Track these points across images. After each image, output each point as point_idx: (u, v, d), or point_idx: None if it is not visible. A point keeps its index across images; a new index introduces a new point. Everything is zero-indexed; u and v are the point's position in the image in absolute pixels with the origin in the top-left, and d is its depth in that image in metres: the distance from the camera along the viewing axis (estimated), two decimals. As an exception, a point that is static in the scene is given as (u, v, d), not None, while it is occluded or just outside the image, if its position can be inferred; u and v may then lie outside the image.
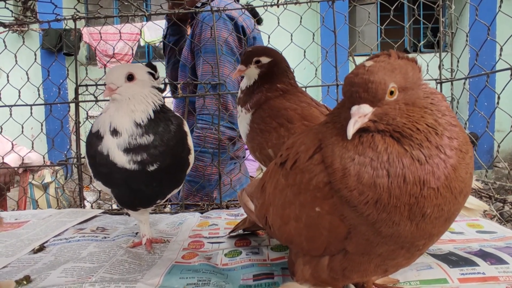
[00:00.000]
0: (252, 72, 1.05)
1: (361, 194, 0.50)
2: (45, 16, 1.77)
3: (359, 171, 0.51)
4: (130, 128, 0.87)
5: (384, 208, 0.50)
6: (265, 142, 1.00)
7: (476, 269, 0.78)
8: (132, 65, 0.94)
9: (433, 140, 0.51)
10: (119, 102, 0.89)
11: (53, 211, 1.45)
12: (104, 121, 0.89)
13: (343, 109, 0.56)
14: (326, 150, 0.55)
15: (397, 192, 0.49)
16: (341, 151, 0.53)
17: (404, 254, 0.57)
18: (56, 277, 0.86)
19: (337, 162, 0.53)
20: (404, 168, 0.50)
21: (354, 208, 0.52)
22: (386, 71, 0.51)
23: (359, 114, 0.50)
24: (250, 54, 1.05)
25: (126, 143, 0.86)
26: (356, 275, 0.62)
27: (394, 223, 0.51)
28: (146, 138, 0.87)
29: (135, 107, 0.89)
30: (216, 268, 0.90)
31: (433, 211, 0.50)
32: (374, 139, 0.52)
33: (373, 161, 0.50)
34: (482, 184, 1.43)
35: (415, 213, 0.50)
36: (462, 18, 5.17)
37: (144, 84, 0.92)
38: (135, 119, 0.88)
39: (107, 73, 0.91)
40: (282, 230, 0.67)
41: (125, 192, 0.96)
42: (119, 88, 0.88)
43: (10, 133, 1.82)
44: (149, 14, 1.78)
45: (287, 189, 0.63)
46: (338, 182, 0.52)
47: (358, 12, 6.42)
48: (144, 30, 6.22)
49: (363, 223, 0.53)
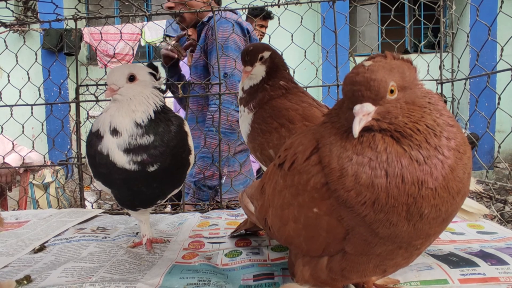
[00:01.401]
0: (259, 70, 1.04)
1: (358, 194, 0.50)
2: (46, 16, 1.77)
3: (357, 171, 0.51)
4: (130, 128, 0.87)
5: (381, 209, 0.50)
6: (266, 143, 1.00)
7: (476, 269, 0.78)
8: (134, 66, 0.95)
9: (432, 141, 0.51)
10: (120, 102, 0.89)
11: (53, 211, 1.45)
12: (104, 121, 0.89)
13: (342, 109, 0.56)
14: (323, 150, 0.55)
15: (395, 192, 0.49)
16: (339, 151, 0.53)
17: (402, 254, 0.57)
18: (56, 277, 0.86)
19: (335, 162, 0.53)
20: (403, 168, 0.50)
21: (351, 209, 0.52)
22: (385, 70, 0.51)
23: (363, 113, 0.50)
24: (254, 53, 1.04)
25: (126, 143, 0.86)
26: (355, 275, 0.62)
27: (392, 223, 0.51)
28: (146, 139, 0.87)
29: (136, 108, 0.89)
30: (216, 268, 0.90)
31: (430, 211, 0.50)
32: (374, 139, 0.52)
33: (371, 161, 0.50)
34: (483, 185, 1.43)
35: (412, 213, 0.50)
36: (463, 19, 5.15)
37: (146, 84, 0.92)
38: (135, 119, 0.88)
39: (108, 74, 0.91)
40: (281, 231, 0.67)
41: (125, 193, 0.96)
42: (121, 89, 0.89)
43: (11, 133, 1.82)
44: (149, 14, 1.78)
45: (286, 190, 0.63)
46: (335, 183, 0.52)
47: (358, 12, 6.42)
48: (144, 30, 6.23)
49: (361, 224, 0.52)
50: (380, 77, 0.50)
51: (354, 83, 0.51)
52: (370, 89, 0.50)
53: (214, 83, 1.76)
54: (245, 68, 1.04)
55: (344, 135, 0.54)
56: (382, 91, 0.51)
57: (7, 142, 1.93)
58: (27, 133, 1.79)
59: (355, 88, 0.51)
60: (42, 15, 1.94)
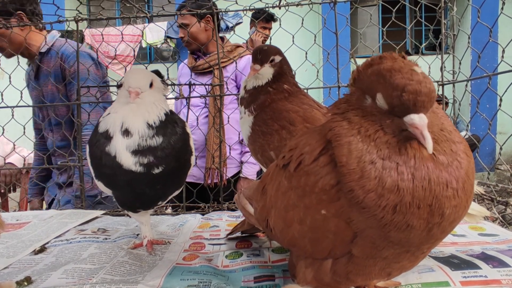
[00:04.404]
0: (267, 71, 1.04)
1: (380, 197, 0.50)
2: (47, 18, 1.78)
3: (381, 175, 0.50)
4: (142, 129, 0.88)
5: (402, 211, 0.50)
6: (267, 145, 1.00)
7: (478, 272, 0.78)
8: (151, 73, 0.98)
9: (453, 146, 0.53)
10: (138, 106, 0.90)
11: (54, 212, 1.45)
12: (114, 122, 0.89)
13: (366, 110, 0.54)
14: (340, 149, 0.54)
15: (420, 194, 0.49)
16: (360, 153, 0.52)
17: (409, 257, 0.57)
18: (57, 278, 0.86)
19: (354, 163, 0.52)
20: (429, 171, 0.50)
21: (366, 210, 0.51)
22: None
23: (425, 125, 0.49)
24: (267, 53, 1.03)
25: (136, 145, 0.87)
26: (360, 278, 0.61)
27: (409, 226, 0.51)
28: (155, 140, 0.88)
29: (150, 110, 0.91)
30: (217, 270, 0.90)
31: (451, 212, 0.51)
32: (405, 145, 0.51)
33: (399, 166, 0.50)
34: (484, 187, 1.43)
35: (434, 214, 0.50)
36: (464, 20, 5.16)
37: (159, 91, 0.97)
38: (148, 121, 0.89)
39: (129, 78, 0.91)
40: (284, 233, 0.66)
41: (127, 194, 0.96)
42: (143, 93, 0.91)
43: (12, 134, 1.82)
44: (151, 15, 1.78)
45: (291, 191, 0.62)
46: (353, 183, 0.51)
47: (359, 13, 6.43)
48: (146, 32, 6.23)
49: (372, 226, 0.52)
50: (434, 87, 0.50)
51: (419, 93, 0.49)
52: (431, 100, 0.50)
53: (215, 84, 1.77)
54: (254, 66, 1.04)
55: (367, 137, 0.53)
56: (433, 102, 0.51)
57: (7, 143, 1.93)
58: (28, 134, 1.79)
59: (419, 98, 0.49)
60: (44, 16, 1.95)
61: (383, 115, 0.52)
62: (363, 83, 0.55)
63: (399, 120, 0.50)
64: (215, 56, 1.95)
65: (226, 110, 1.94)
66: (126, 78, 0.92)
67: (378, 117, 0.53)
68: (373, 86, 0.53)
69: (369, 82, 0.53)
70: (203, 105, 2.05)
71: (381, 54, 0.55)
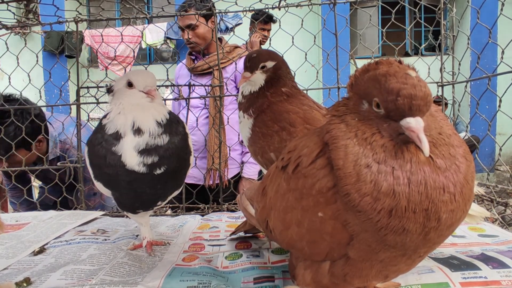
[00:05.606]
0: (258, 78, 1.04)
1: (376, 200, 0.50)
2: (47, 19, 1.78)
3: (376, 179, 0.50)
4: (152, 127, 0.90)
5: (397, 215, 0.50)
6: (267, 146, 1.00)
7: (478, 273, 0.78)
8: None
9: (452, 150, 0.52)
10: (150, 104, 0.93)
11: (53, 213, 1.45)
12: (125, 122, 0.90)
13: (362, 113, 0.54)
14: (336, 152, 0.54)
15: (416, 198, 0.49)
16: (356, 156, 0.52)
17: (405, 260, 0.57)
18: (56, 279, 0.86)
19: (350, 166, 0.52)
20: (426, 175, 0.50)
21: (361, 213, 0.51)
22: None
23: (422, 128, 0.49)
24: (256, 60, 1.03)
25: (144, 143, 0.88)
26: (357, 281, 0.61)
27: (405, 230, 0.50)
28: (162, 139, 0.90)
29: (158, 109, 0.94)
30: (216, 270, 0.90)
31: (447, 217, 0.50)
32: (402, 148, 0.51)
33: (395, 170, 0.50)
34: (484, 188, 1.43)
35: (430, 218, 0.50)
36: (464, 21, 5.17)
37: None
38: (157, 119, 0.91)
39: (142, 78, 0.94)
40: (283, 234, 0.66)
41: (128, 195, 0.96)
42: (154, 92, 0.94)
43: (11, 134, 1.81)
44: (150, 16, 1.78)
45: (289, 193, 0.62)
46: (349, 187, 0.51)
47: (359, 15, 6.44)
48: (145, 33, 6.24)
49: (368, 230, 0.52)
50: (429, 91, 0.50)
51: (415, 97, 0.49)
52: (427, 104, 0.50)
53: (215, 85, 1.77)
54: (244, 73, 1.04)
55: (363, 140, 0.53)
56: (430, 105, 0.51)
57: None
58: (28, 135, 1.78)
59: (414, 102, 0.49)
60: (44, 17, 1.95)
61: (380, 119, 0.52)
62: (360, 88, 0.55)
63: (396, 124, 0.50)
64: (214, 57, 1.95)
65: (226, 111, 1.94)
66: (138, 79, 0.93)
67: (376, 121, 0.53)
68: (370, 91, 0.53)
69: (366, 87, 0.54)
70: (203, 106, 2.05)
71: (378, 60, 0.55)
